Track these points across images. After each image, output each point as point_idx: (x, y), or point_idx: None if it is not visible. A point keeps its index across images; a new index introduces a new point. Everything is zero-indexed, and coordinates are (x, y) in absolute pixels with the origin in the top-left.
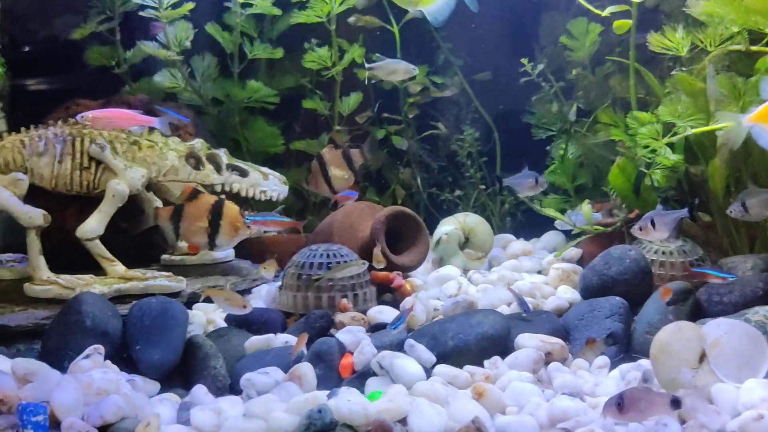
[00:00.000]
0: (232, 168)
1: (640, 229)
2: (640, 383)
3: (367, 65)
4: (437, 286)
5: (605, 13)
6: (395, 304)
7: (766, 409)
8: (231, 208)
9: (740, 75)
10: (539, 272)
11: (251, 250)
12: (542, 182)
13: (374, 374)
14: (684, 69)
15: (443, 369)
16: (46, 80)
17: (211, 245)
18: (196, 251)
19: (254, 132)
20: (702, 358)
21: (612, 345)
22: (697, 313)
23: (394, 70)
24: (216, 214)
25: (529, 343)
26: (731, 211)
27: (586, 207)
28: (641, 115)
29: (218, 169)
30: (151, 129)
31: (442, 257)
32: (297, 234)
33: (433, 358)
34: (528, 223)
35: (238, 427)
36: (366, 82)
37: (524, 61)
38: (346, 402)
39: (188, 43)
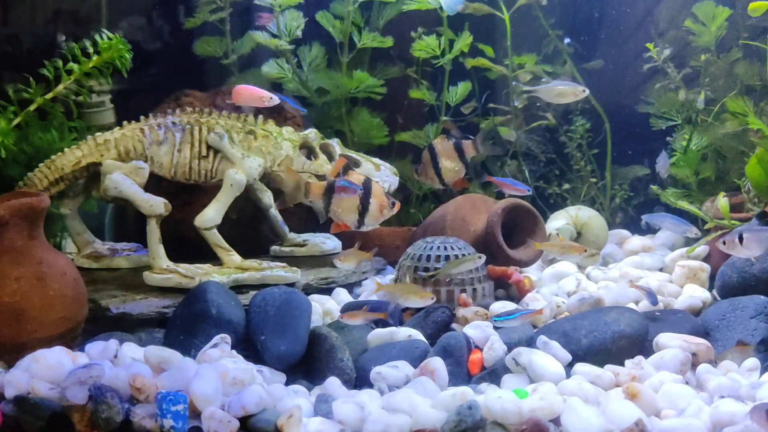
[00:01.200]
0: (345, 158)
1: (724, 243)
2: None
3: (524, 86)
4: (554, 282)
5: None
6: (511, 300)
7: None
8: (378, 187)
9: None
10: (661, 270)
11: (352, 243)
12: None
13: (507, 371)
14: None
15: (584, 368)
16: (153, 71)
17: (360, 224)
18: (345, 230)
19: (358, 123)
20: None
21: (765, 351)
22: None
23: (562, 92)
24: (366, 192)
25: (672, 343)
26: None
27: (722, 200)
28: None
29: (331, 159)
30: (267, 118)
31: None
32: (402, 227)
33: (569, 356)
34: (639, 219)
35: (383, 422)
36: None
37: (650, 46)
38: (497, 399)
39: (299, 32)
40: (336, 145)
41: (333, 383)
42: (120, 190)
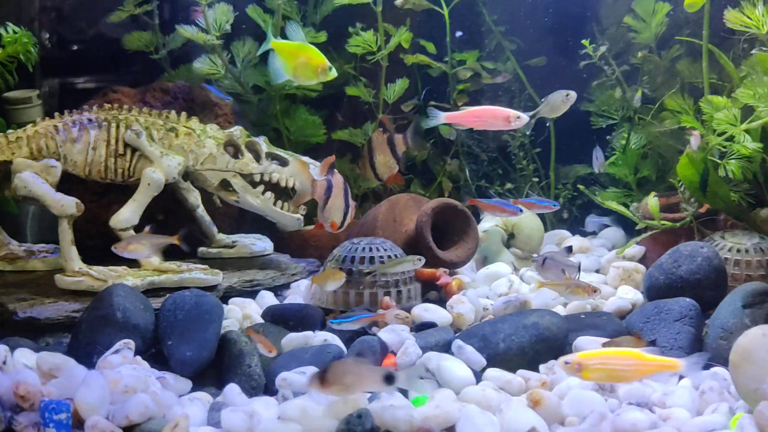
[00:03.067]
0: (272, 157)
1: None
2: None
3: (530, 115)
4: (487, 284)
5: None
6: (442, 303)
7: None
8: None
9: None
10: (597, 271)
11: (290, 244)
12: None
13: (419, 377)
14: (765, 48)
15: (495, 373)
16: (83, 67)
17: (343, 223)
18: (324, 229)
19: (295, 121)
20: None
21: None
22: None
23: (556, 104)
24: (346, 191)
25: (591, 347)
26: None
27: (652, 200)
28: (716, 99)
29: (257, 157)
30: (199, 114)
31: (485, 256)
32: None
33: (483, 361)
34: (583, 219)
35: (271, 431)
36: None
37: (585, 42)
38: (389, 407)
39: (228, 27)
40: (263, 143)
41: (232, 390)
42: (30, 189)
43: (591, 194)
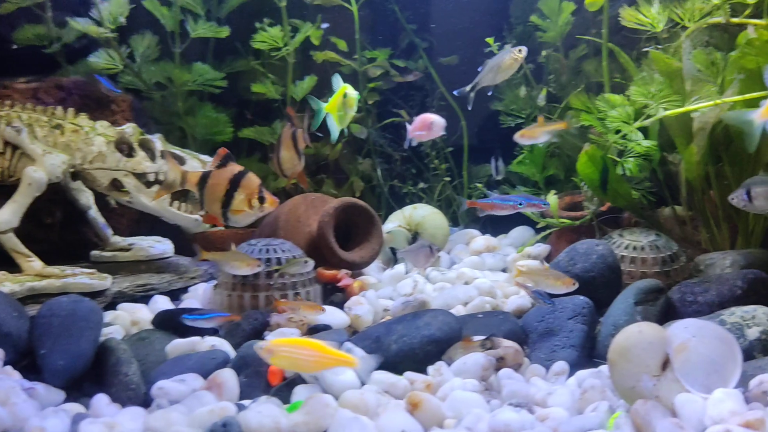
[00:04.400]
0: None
1: (734, 198)
2: None
3: (468, 88)
4: (392, 284)
5: None
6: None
7: (735, 425)
8: (252, 181)
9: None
10: (504, 270)
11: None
12: (436, 250)
13: (304, 382)
14: (660, 47)
15: (380, 376)
16: None
17: (226, 218)
18: (213, 222)
19: (201, 119)
20: (666, 364)
21: (490, 348)
22: (669, 313)
23: (498, 65)
24: (234, 184)
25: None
26: (733, 198)
27: (552, 198)
28: (612, 97)
29: (152, 156)
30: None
31: (392, 257)
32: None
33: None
34: (498, 218)
35: None
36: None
37: (490, 40)
38: (256, 414)
39: (123, 20)
40: (157, 141)
41: (100, 401)
42: None
43: (485, 192)
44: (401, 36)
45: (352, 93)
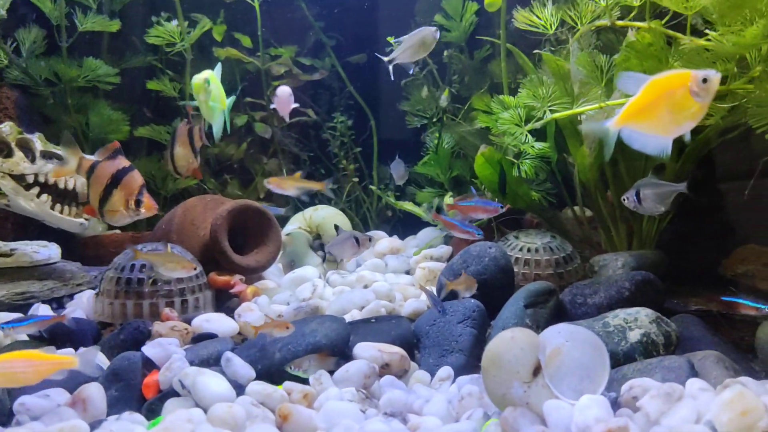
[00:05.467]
0: (49, 156)
1: (625, 199)
2: None
3: (386, 59)
4: (292, 289)
5: None
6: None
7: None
8: (133, 180)
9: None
10: (408, 272)
11: (85, 251)
12: (364, 241)
13: (178, 395)
14: (553, 49)
15: (257, 387)
16: None
17: (101, 214)
18: (90, 214)
19: (93, 116)
20: (537, 370)
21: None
22: (560, 315)
23: (418, 42)
24: (115, 181)
25: (366, 353)
26: (625, 199)
27: (448, 200)
28: (507, 98)
29: (32, 157)
30: None
31: (292, 260)
32: (127, 233)
33: (253, 374)
34: (408, 220)
35: None
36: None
37: (390, 39)
38: None
39: (3, 12)
40: (37, 140)
41: None
42: None
43: (383, 194)
44: (309, 34)
45: (210, 73)
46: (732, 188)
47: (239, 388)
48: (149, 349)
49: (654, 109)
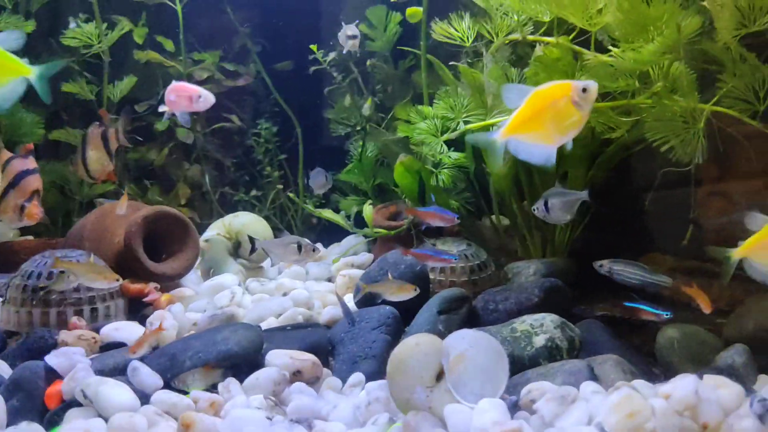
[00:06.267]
0: None
1: (536, 209)
2: None
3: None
4: (210, 296)
5: None
6: None
7: None
8: (28, 185)
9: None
10: (329, 279)
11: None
12: (308, 249)
13: (81, 405)
14: (470, 61)
15: (163, 396)
16: None
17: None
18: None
19: (7, 118)
20: (441, 375)
21: (229, 368)
22: (473, 321)
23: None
24: (14, 183)
25: (278, 361)
26: (535, 209)
27: (367, 208)
28: (426, 109)
29: None
30: None
31: (210, 267)
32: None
33: (160, 383)
34: (334, 227)
35: None
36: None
37: (314, 47)
38: None
39: None
40: None
41: None
42: None
43: (300, 202)
44: (234, 39)
45: None
46: (640, 198)
47: (145, 398)
48: (53, 359)
49: (538, 119)
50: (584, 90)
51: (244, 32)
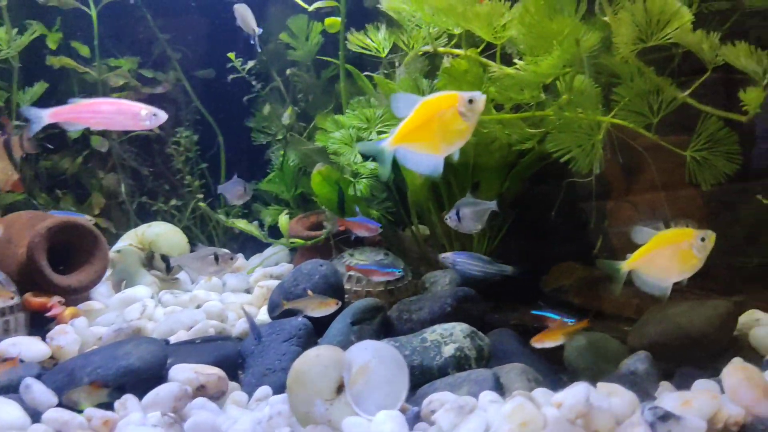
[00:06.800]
0: None
1: (448, 219)
2: None
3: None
4: (121, 309)
5: (312, 8)
6: None
7: None
8: None
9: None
10: (248, 291)
11: None
12: (225, 259)
13: None
14: (386, 72)
15: (54, 414)
16: None
17: None
18: None
19: None
20: (341, 387)
21: (116, 391)
22: (387, 331)
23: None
24: None
25: (181, 376)
26: (448, 219)
27: (283, 218)
28: (341, 118)
29: None
30: None
31: (122, 279)
32: None
33: (55, 400)
34: (255, 238)
35: None
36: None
37: (231, 56)
38: None
39: None
40: None
41: None
42: None
43: (211, 212)
44: (153, 46)
45: None
46: (555, 208)
47: (37, 416)
48: None
49: (425, 129)
50: (471, 101)
51: (163, 39)
